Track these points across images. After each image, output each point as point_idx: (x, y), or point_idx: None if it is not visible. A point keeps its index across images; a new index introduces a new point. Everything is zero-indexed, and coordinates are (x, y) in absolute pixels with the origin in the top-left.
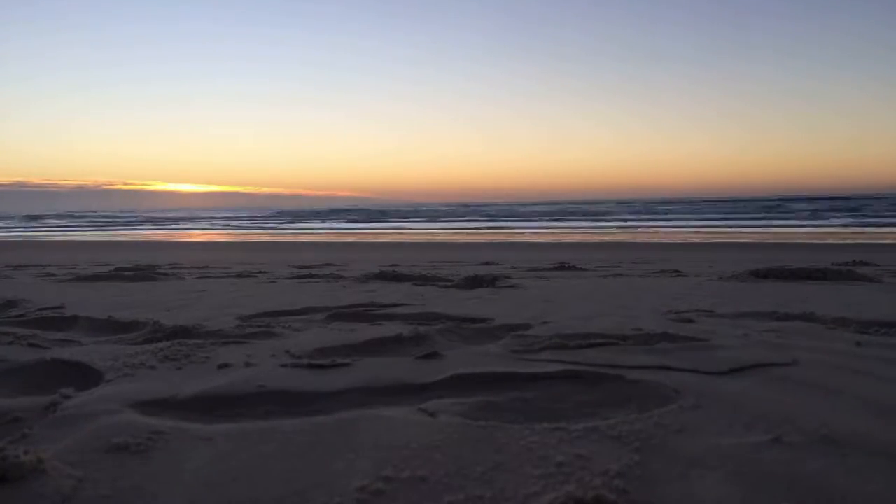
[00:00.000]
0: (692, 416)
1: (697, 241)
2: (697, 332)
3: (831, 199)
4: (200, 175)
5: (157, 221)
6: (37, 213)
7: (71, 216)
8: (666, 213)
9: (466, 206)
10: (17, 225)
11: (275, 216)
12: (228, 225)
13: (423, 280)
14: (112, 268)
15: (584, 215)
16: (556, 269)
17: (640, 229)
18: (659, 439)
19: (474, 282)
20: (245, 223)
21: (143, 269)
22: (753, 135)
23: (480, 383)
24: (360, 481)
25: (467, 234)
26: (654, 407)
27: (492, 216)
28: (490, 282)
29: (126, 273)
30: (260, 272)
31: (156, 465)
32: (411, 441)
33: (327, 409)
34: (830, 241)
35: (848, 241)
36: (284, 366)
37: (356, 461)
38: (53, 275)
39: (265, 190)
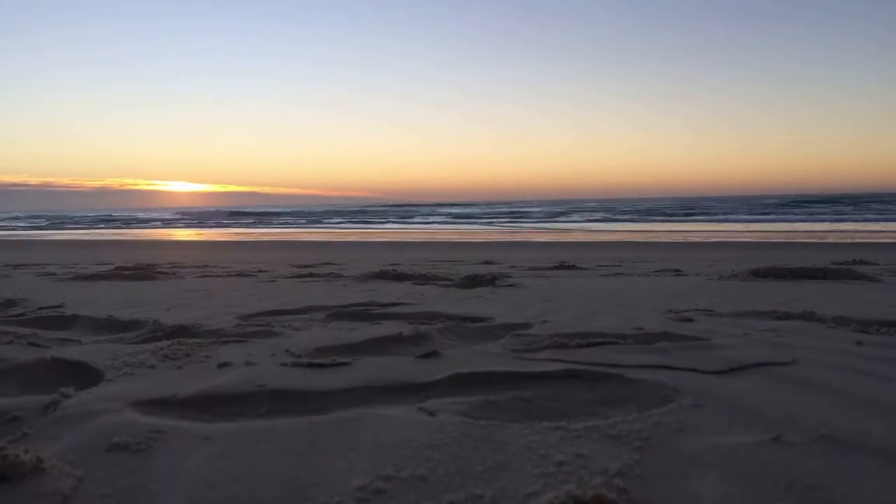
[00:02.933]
0: (692, 416)
1: (697, 240)
2: (697, 331)
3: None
4: (211, 175)
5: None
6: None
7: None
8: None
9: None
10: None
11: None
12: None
13: (422, 279)
14: (112, 267)
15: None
16: (555, 268)
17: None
18: (659, 438)
19: (474, 281)
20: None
21: (143, 268)
22: (740, 136)
23: (480, 382)
24: (360, 480)
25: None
26: (653, 406)
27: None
28: (490, 281)
29: (126, 272)
30: (260, 271)
31: (156, 464)
32: (411, 440)
33: (327, 409)
34: (830, 240)
35: (848, 241)
36: (284, 365)
37: (356, 460)
38: (53, 274)
39: (282, 190)
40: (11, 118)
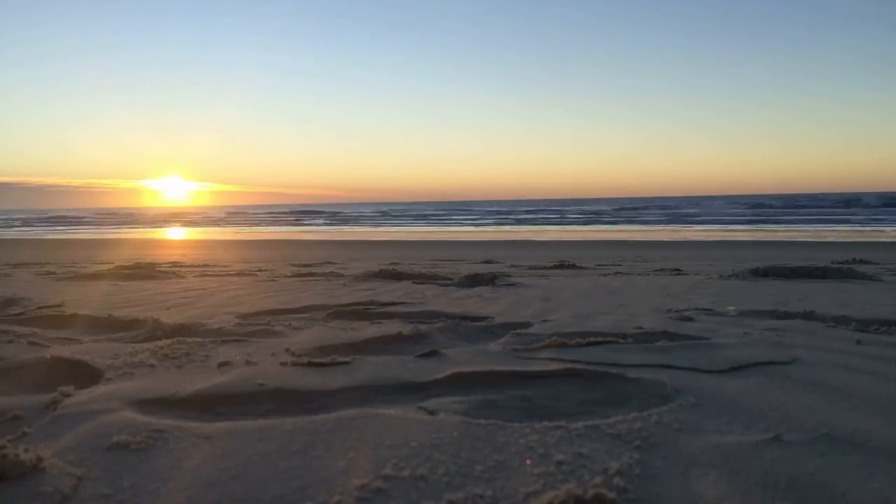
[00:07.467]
0: (692, 415)
1: (697, 239)
2: (697, 330)
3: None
4: (222, 176)
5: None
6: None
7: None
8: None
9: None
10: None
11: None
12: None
13: (422, 278)
14: (112, 266)
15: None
16: (555, 267)
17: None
18: (659, 438)
19: (474, 280)
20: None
21: (143, 267)
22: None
23: (480, 381)
24: (360, 479)
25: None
26: (654, 405)
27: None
28: (490, 280)
29: (126, 271)
30: (260, 270)
31: (155, 463)
32: (411, 439)
33: (327, 408)
34: (831, 239)
35: (848, 240)
36: (284, 364)
37: (356, 459)
38: (53, 273)
39: (300, 191)
40: (65, 128)
